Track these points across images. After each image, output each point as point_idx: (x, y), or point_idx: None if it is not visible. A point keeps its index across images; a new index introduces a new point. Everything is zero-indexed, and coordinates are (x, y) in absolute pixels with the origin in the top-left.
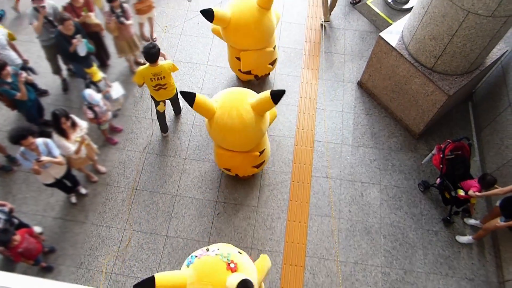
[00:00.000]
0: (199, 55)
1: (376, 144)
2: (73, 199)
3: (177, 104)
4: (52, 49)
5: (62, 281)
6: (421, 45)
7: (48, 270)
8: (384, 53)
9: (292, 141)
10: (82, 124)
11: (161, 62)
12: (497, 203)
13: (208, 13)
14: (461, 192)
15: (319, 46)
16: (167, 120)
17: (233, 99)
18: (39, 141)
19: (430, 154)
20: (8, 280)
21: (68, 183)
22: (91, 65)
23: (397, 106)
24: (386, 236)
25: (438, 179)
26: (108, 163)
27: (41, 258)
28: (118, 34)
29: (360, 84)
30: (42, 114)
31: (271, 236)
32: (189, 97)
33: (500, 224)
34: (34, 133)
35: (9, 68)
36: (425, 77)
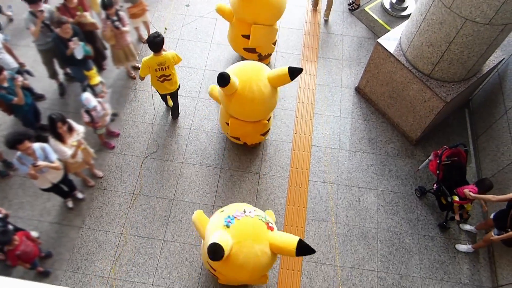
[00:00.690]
0: (197, 60)
1: (373, 150)
2: (70, 204)
3: (176, 100)
4: (49, 53)
5: (59, 286)
6: (419, 52)
7: (45, 275)
8: (382, 59)
9: (290, 146)
10: (79, 129)
11: (165, 52)
12: (491, 216)
13: None
14: (456, 198)
15: (317, 52)
16: (164, 125)
17: (250, 73)
18: (36, 146)
19: (427, 160)
20: (6, 285)
21: (65, 188)
22: (91, 68)
23: (395, 112)
24: (383, 241)
25: (435, 185)
26: (105, 168)
27: (38, 262)
28: (115, 43)
29: (358, 90)
30: (39, 119)
31: None
32: (224, 80)
33: (494, 238)
34: (31, 138)
35: (5, 73)
36: (423, 84)
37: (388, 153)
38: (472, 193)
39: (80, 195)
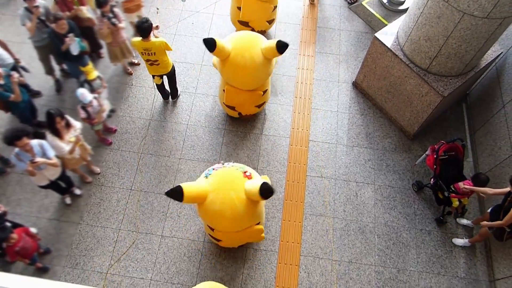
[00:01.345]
0: (194, 55)
1: (371, 145)
2: (68, 200)
3: (174, 83)
4: (45, 49)
5: (58, 281)
6: (416, 46)
7: (44, 271)
8: (379, 54)
9: (287, 141)
10: (76, 125)
11: (153, 39)
12: (488, 210)
13: None
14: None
15: (314, 46)
16: (161, 120)
17: (246, 42)
18: (34, 143)
19: (424, 155)
20: (6, 281)
21: (63, 184)
22: (87, 63)
23: (392, 107)
24: (380, 236)
25: (432, 180)
26: (103, 164)
27: (37, 258)
28: (111, 40)
29: (355, 85)
30: (36, 115)
31: (266, 235)
32: (210, 43)
33: (484, 223)
34: (29, 134)
35: (1, 70)
36: (420, 78)
37: (386, 148)
38: (467, 186)
39: (78, 192)
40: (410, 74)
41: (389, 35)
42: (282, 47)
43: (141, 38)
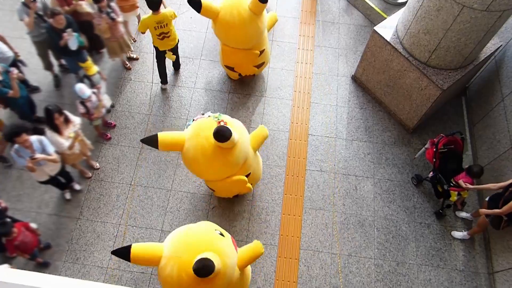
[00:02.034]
0: (192, 50)
1: (370, 138)
2: (68, 195)
3: (177, 56)
4: (43, 45)
5: (59, 276)
6: (416, 40)
7: (44, 266)
8: (378, 47)
9: (287, 135)
10: (75, 120)
11: (163, 10)
12: (486, 198)
13: None
14: (455, 197)
15: (313, 40)
16: (160, 115)
17: (234, 1)
18: (34, 139)
19: (423, 148)
20: (9, 276)
21: (62, 180)
22: (86, 59)
23: (391, 101)
24: (380, 229)
25: (431, 173)
26: (102, 159)
27: (38, 253)
28: (110, 35)
29: (354, 78)
30: (35, 111)
31: (266, 230)
32: (196, 3)
33: (482, 210)
34: (28, 130)
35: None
36: (419, 72)
37: (385, 142)
38: (470, 185)
39: (78, 187)
40: (409, 68)
41: (388, 29)
42: None
43: (152, 13)
